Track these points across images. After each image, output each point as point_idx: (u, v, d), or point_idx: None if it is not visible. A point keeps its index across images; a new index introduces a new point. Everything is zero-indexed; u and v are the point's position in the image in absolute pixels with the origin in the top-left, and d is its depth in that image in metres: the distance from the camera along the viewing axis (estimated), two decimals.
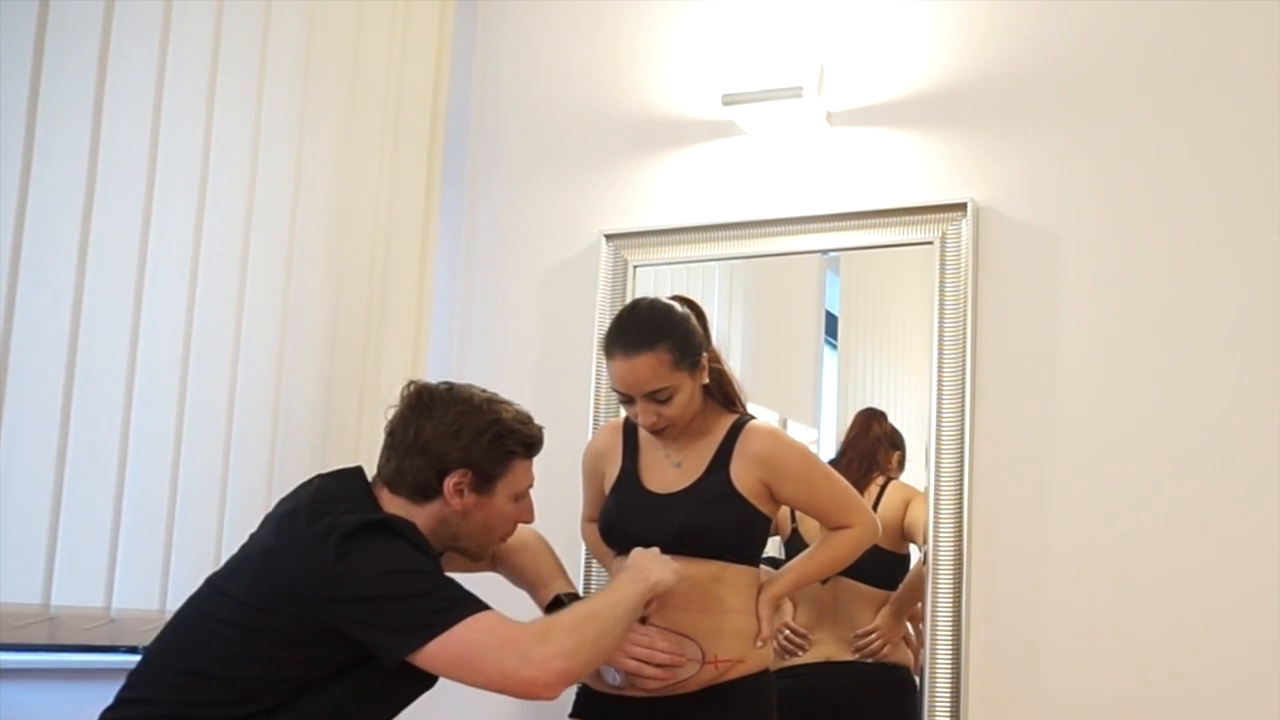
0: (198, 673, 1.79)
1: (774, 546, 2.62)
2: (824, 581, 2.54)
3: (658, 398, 2.14)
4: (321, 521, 1.82)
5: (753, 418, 2.26)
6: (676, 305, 2.22)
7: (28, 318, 2.11)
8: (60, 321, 2.16)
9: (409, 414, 1.95)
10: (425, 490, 1.93)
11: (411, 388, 1.98)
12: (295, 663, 1.80)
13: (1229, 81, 2.48)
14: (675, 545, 2.14)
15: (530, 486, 2.04)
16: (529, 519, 2.07)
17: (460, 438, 1.92)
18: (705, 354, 2.20)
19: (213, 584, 1.90)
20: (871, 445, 2.65)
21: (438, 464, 1.91)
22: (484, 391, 2.00)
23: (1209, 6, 2.51)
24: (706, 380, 2.20)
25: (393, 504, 1.94)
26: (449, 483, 1.92)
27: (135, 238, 2.29)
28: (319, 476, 2.01)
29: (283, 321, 2.62)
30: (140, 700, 1.81)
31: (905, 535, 2.58)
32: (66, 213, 2.17)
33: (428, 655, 1.77)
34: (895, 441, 2.66)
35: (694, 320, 2.21)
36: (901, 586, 2.57)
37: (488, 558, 2.13)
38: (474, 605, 1.81)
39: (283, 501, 1.98)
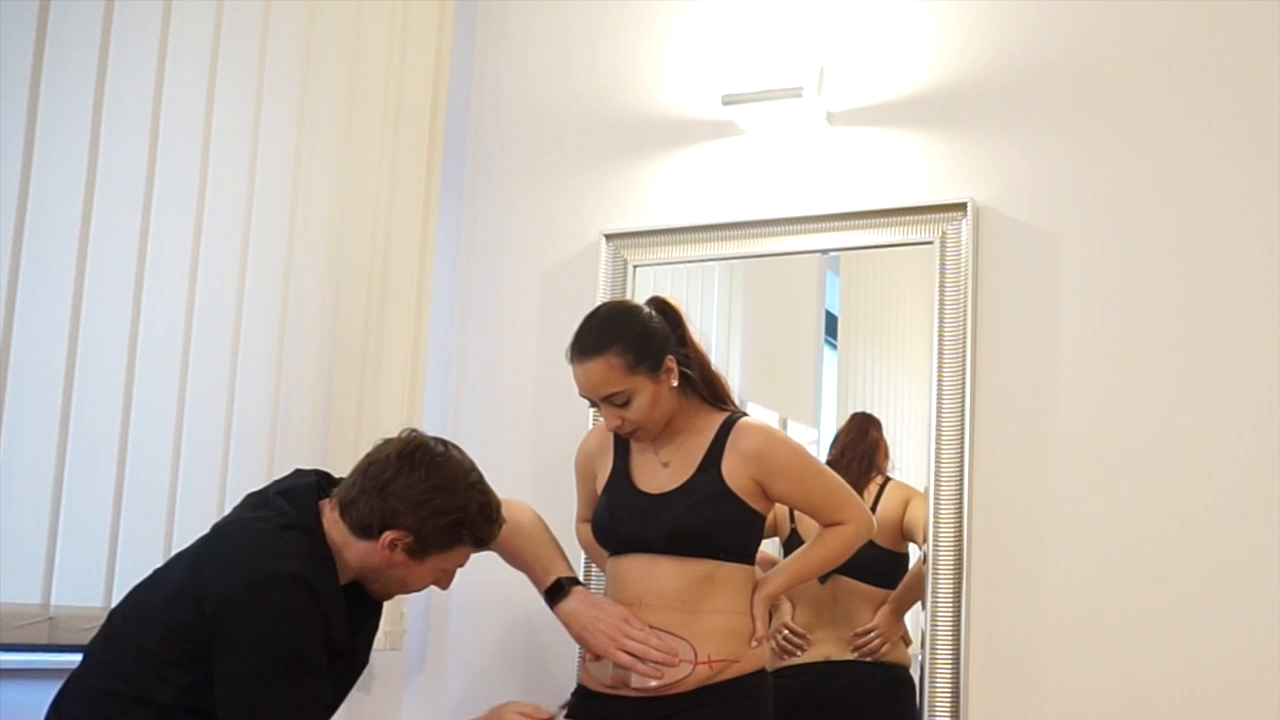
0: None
1: (773, 547, 2.62)
2: (823, 581, 2.54)
3: (615, 401, 2.15)
4: (255, 536, 1.90)
5: (744, 414, 2.26)
6: (642, 308, 2.22)
7: (28, 318, 2.10)
8: (60, 321, 2.16)
9: (395, 462, 1.97)
10: (365, 530, 1.96)
11: (412, 438, 2.00)
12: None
13: (1229, 81, 2.48)
14: (668, 545, 2.14)
15: (462, 567, 2.09)
16: (444, 587, 2.12)
17: (422, 509, 1.95)
18: (671, 356, 2.18)
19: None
20: (869, 448, 2.65)
21: (388, 517, 1.94)
22: (474, 472, 2.02)
23: (1209, 7, 2.51)
24: (675, 383, 2.19)
25: (333, 524, 1.98)
26: (387, 536, 1.95)
27: (135, 238, 2.29)
28: (282, 480, 2.08)
29: (282, 322, 2.62)
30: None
31: (904, 534, 2.58)
32: (66, 212, 2.17)
33: None
34: (886, 453, 2.66)
35: (658, 322, 2.20)
36: (900, 585, 2.57)
37: (387, 600, 2.16)
38: None
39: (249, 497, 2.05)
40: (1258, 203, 2.42)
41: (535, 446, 2.98)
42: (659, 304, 2.26)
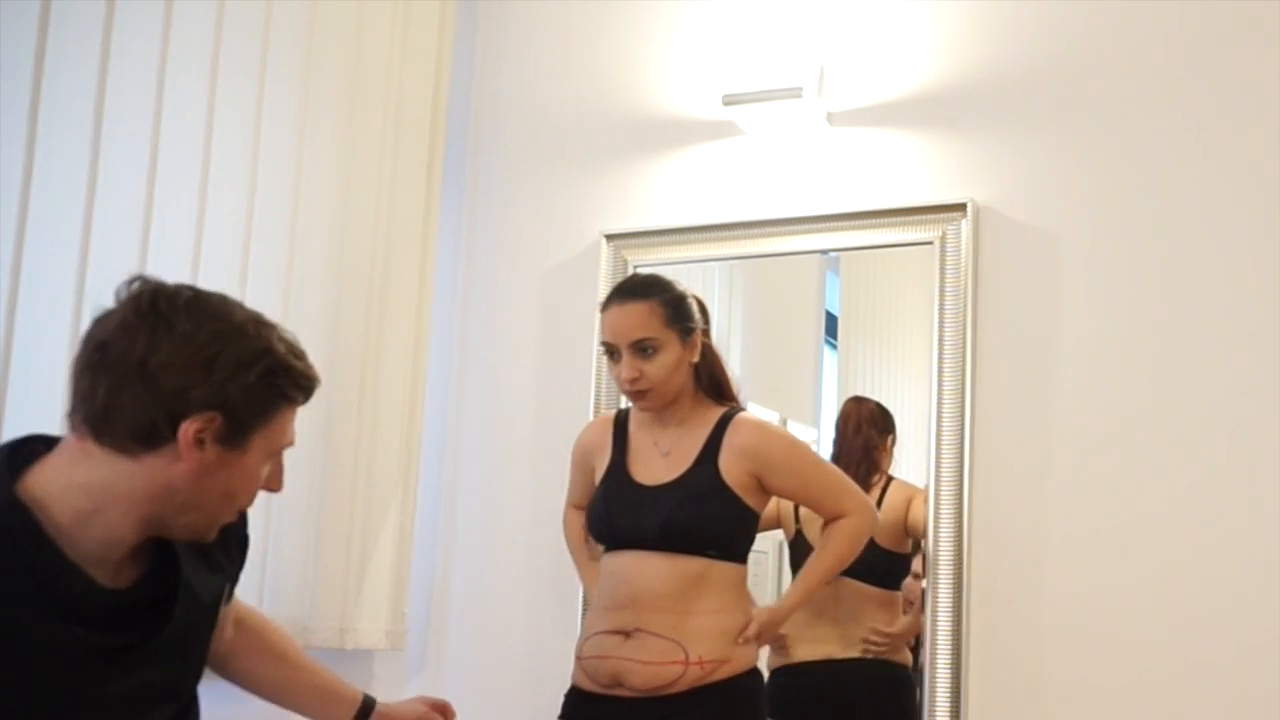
0: None
1: (769, 544, 2.62)
2: None
3: (642, 348, 2.17)
4: None
5: (742, 409, 2.27)
6: (681, 282, 2.29)
7: (29, 318, 2.10)
8: (61, 321, 2.16)
9: (137, 323, 1.34)
10: (148, 438, 1.33)
11: (137, 285, 1.39)
12: None
13: (1228, 81, 2.48)
14: (660, 540, 2.14)
15: (291, 445, 1.48)
16: (277, 487, 1.50)
17: (213, 368, 1.34)
18: (700, 332, 2.24)
19: None
20: (864, 443, 2.65)
21: (173, 402, 1.33)
22: (244, 308, 1.43)
23: (1209, 7, 2.51)
24: (696, 359, 2.23)
25: (78, 465, 1.35)
26: (188, 429, 1.33)
27: (136, 237, 2.29)
28: None
29: (283, 322, 2.55)
30: None
31: (908, 532, 2.58)
32: (68, 211, 2.17)
33: None
34: (885, 425, 2.66)
35: (694, 300, 2.26)
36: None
37: (212, 538, 1.48)
38: None
39: None
40: (1257, 202, 2.42)
41: (535, 446, 2.98)
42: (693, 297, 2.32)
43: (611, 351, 2.22)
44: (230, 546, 1.58)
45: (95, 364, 1.35)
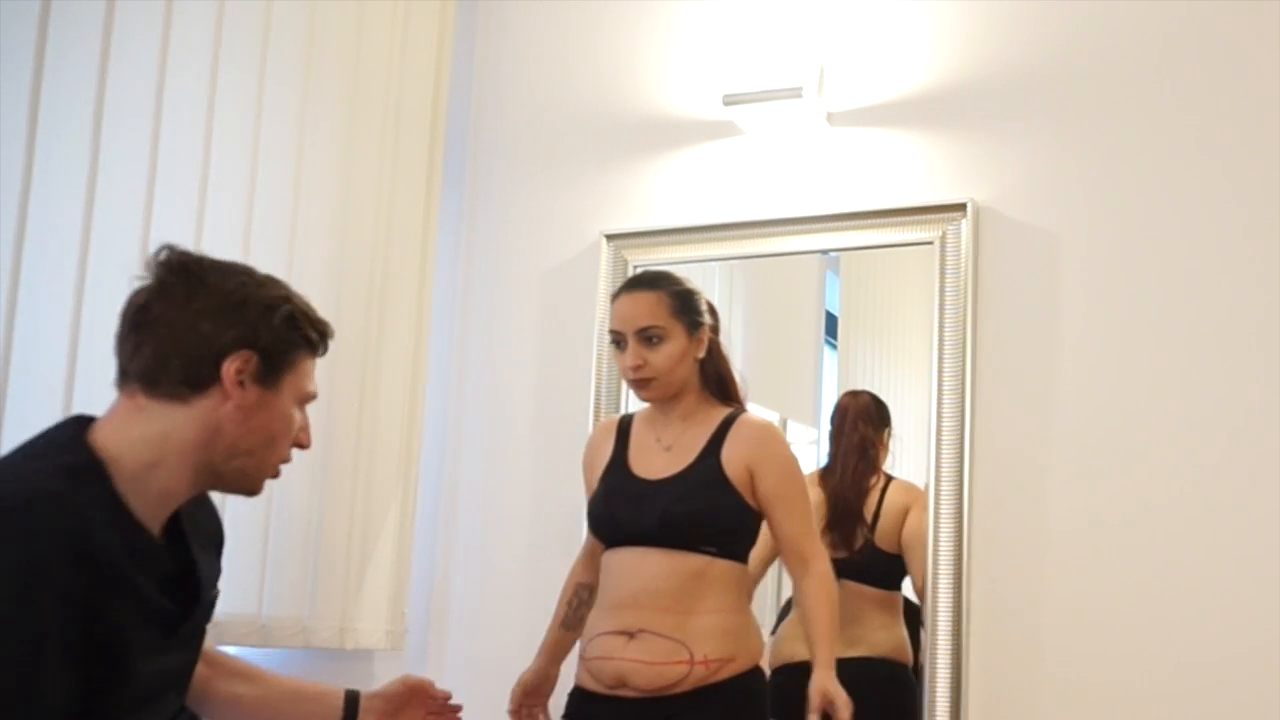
0: None
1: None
2: None
3: (648, 336, 2.18)
4: None
5: (747, 412, 2.27)
6: (693, 280, 2.30)
7: (29, 317, 2.10)
8: (61, 320, 2.16)
9: (173, 281, 1.49)
10: (196, 380, 1.45)
11: (165, 254, 1.52)
12: None
13: (1227, 81, 2.48)
14: (660, 534, 2.14)
15: (314, 398, 1.60)
16: (307, 443, 1.60)
17: (245, 310, 1.49)
18: (707, 326, 2.24)
19: None
20: (860, 441, 2.64)
21: (214, 343, 1.46)
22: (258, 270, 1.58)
23: (1209, 7, 2.51)
24: (702, 354, 2.23)
25: (134, 420, 1.45)
26: (230, 366, 1.46)
27: (136, 237, 2.29)
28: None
29: None
30: None
31: (902, 544, 2.58)
32: (68, 210, 2.17)
33: None
34: (879, 418, 2.65)
35: (705, 299, 2.27)
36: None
37: (261, 490, 1.59)
38: None
39: None
40: (1256, 202, 2.42)
41: (535, 446, 2.98)
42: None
43: (618, 340, 2.23)
44: (218, 550, 1.64)
45: (140, 324, 1.47)
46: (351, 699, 1.81)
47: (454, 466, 3.06)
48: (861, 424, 2.66)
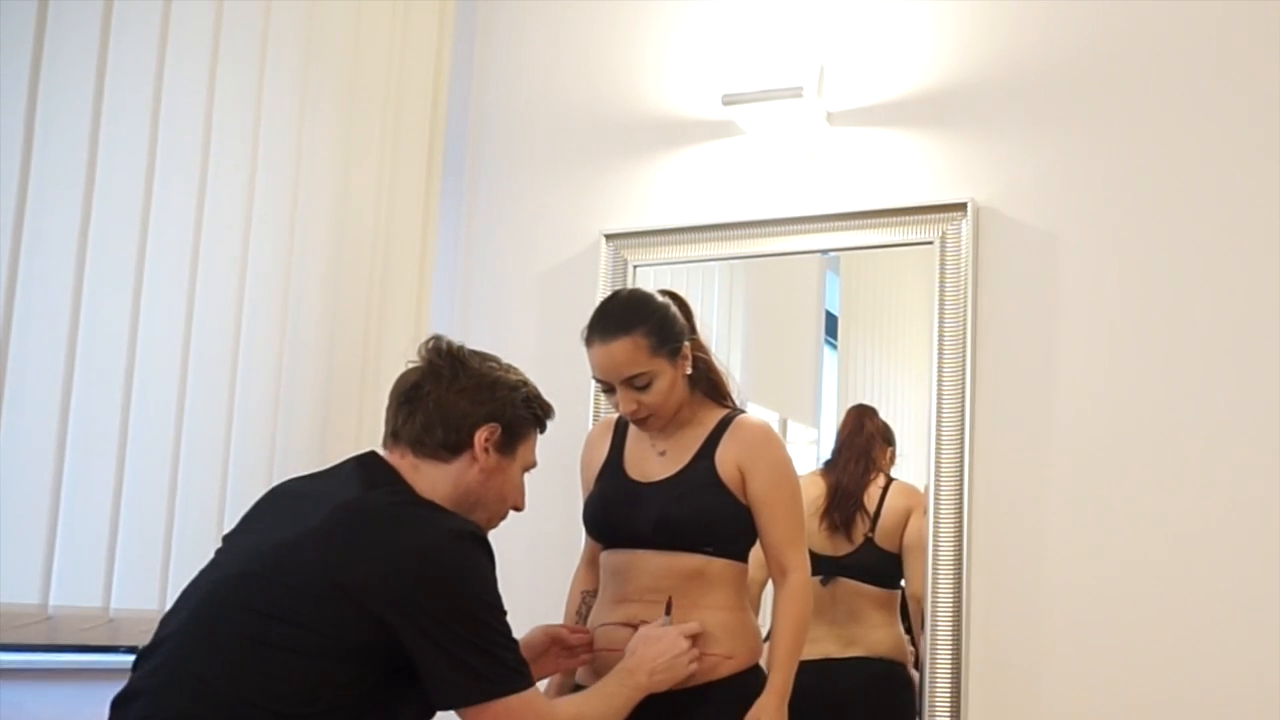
0: (246, 704, 1.60)
1: None
2: (824, 583, 2.55)
3: (636, 384, 2.13)
4: (400, 514, 1.74)
5: (743, 411, 2.26)
6: (656, 294, 2.22)
7: (27, 316, 2.10)
8: (59, 319, 2.16)
9: (440, 363, 1.88)
10: (455, 445, 1.84)
11: (433, 343, 1.91)
12: (327, 682, 1.64)
13: (1228, 81, 2.48)
14: (655, 536, 2.13)
15: (536, 466, 1.99)
16: (522, 504, 1.99)
17: (495, 390, 1.88)
18: (687, 343, 2.18)
19: (246, 602, 1.66)
20: (866, 442, 2.65)
21: (470, 417, 1.85)
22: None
23: (1210, 7, 2.51)
24: (689, 371, 2.19)
25: (415, 473, 1.83)
26: (480, 435, 1.85)
27: (135, 236, 2.29)
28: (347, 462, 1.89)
29: (282, 322, 2.62)
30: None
31: (903, 547, 2.58)
32: (66, 210, 2.17)
33: (474, 712, 1.70)
34: (888, 437, 2.66)
35: (675, 309, 2.20)
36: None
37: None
38: (529, 676, 1.79)
39: (296, 487, 1.86)
40: (1257, 202, 2.42)
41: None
42: (669, 295, 2.26)
43: (606, 386, 2.19)
44: None
45: (412, 399, 1.86)
46: None
47: None
48: (869, 421, 2.67)
